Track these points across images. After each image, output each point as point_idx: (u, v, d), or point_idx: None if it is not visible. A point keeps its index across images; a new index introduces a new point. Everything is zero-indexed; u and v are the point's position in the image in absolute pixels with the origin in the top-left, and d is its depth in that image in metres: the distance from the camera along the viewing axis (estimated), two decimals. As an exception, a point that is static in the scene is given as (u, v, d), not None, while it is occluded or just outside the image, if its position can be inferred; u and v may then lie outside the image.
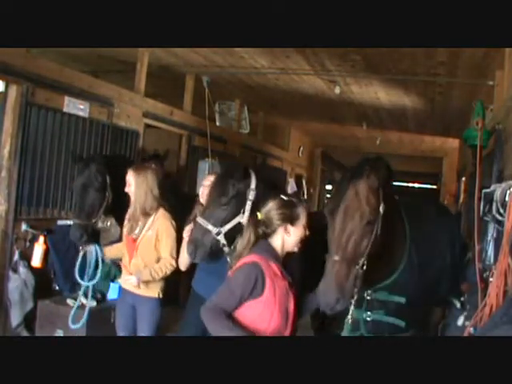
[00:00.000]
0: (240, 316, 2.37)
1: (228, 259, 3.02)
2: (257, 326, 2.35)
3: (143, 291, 3.47)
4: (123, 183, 3.77)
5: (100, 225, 4.92)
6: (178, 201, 4.14)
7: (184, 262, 3.38)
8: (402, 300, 2.71)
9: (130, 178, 3.47)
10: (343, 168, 2.63)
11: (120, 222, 4.03)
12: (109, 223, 4.36)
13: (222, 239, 2.93)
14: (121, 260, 3.72)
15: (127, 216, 3.59)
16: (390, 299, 2.73)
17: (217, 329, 2.27)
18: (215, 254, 3.02)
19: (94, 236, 4.16)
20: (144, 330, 3.48)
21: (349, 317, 2.52)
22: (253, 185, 3.00)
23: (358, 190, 2.37)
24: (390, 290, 2.73)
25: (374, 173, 2.41)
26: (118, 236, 4.24)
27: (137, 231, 3.49)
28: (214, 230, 2.91)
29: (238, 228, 2.96)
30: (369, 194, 2.37)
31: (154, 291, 3.48)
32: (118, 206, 3.99)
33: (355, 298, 2.44)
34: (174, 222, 3.53)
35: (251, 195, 2.97)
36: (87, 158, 4.33)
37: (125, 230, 3.61)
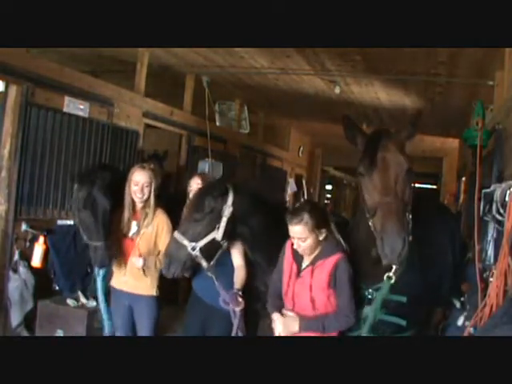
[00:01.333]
0: None
1: (211, 273, 3.08)
2: None
3: (140, 290, 3.47)
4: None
5: None
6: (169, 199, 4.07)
7: None
8: (403, 299, 2.71)
9: (138, 177, 3.45)
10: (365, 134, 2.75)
11: None
12: None
13: (198, 253, 2.97)
14: None
15: (121, 216, 3.53)
16: (392, 298, 2.73)
17: None
18: (190, 268, 3.08)
19: None
20: (144, 328, 3.47)
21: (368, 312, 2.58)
22: (229, 202, 3.03)
23: (390, 143, 2.54)
24: (392, 289, 2.73)
25: (397, 132, 2.61)
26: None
27: (134, 231, 3.48)
28: (189, 245, 2.96)
29: (214, 244, 3.02)
30: (399, 147, 2.56)
31: (151, 289, 3.48)
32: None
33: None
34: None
35: (227, 212, 3.01)
36: (86, 177, 3.84)
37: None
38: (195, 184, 3.52)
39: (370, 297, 2.74)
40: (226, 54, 5.95)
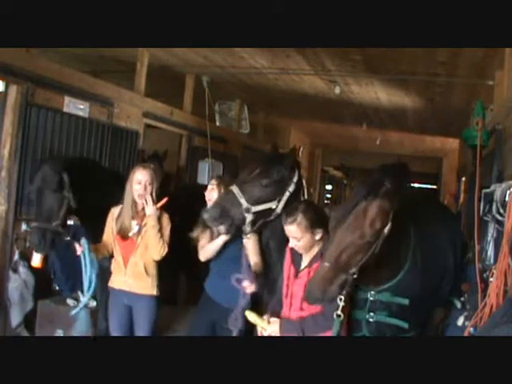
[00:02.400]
0: None
1: (244, 241, 3.00)
2: None
3: (141, 289, 3.46)
4: (91, 184, 3.79)
5: None
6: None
7: (205, 253, 3.37)
8: (406, 302, 2.69)
9: (140, 175, 3.45)
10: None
11: (89, 224, 3.93)
12: None
13: (249, 217, 2.82)
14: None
15: (118, 216, 3.50)
16: (393, 301, 2.71)
17: None
18: (235, 228, 2.89)
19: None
20: (142, 328, 3.46)
21: (339, 313, 2.50)
22: (295, 179, 2.95)
23: (367, 209, 2.32)
24: (394, 291, 2.71)
25: (389, 191, 2.33)
26: None
27: (135, 231, 3.46)
28: (245, 204, 2.80)
29: (268, 213, 2.88)
30: (377, 216, 2.31)
31: (152, 289, 3.48)
32: (85, 208, 3.83)
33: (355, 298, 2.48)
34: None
35: (291, 187, 2.92)
36: (42, 159, 4.06)
37: (115, 231, 3.50)
38: (210, 185, 3.45)
39: (371, 299, 2.74)
40: (226, 54, 5.95)
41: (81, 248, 3.39)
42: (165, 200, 3.44)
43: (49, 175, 3.67)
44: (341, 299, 2.42)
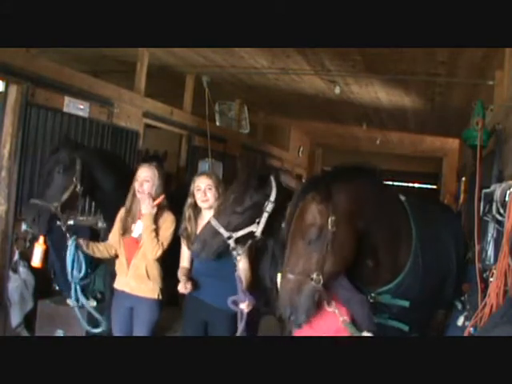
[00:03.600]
0: None
1: (236, 262, 2.99)
2: None
3: (143, 292, 3.42)
4: (103, 176, 3.80)
5: (100, 225, 4.87)
6: None
7: (186, 257, 3.36)
8: (406, 304, 2.68)
9: (146, 173, 3.42)
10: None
11: (108, 221, 3.87)
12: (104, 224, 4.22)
13: (232, 243, 2.91)
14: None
15: (122, 216, 3.47)
16: (394, 303, 2.70)
17: None
18: (220, 254, 2.98)
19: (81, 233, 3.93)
20: (141, 332, 3.43)
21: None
22: (272, 197, 2.94)
23: (303, 211, 2.35)
24: (394, 293, 2.70)
25: (319, 190, 2.33)
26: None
27: (140, 231, 3.43)
28: (225, 233, 2.89)
29: (251, 235, 2.94)
30: (311, 213, 2.31)
31: (154, 292, 3.44)
32: (106, 204, 3.87)
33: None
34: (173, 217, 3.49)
35: (269, 207, 2.93)
36: (58, 145, 3.98)
37: (118, 230, 3.46)
38: (203, 184, 3.37)
39: (371, 301, 2.73)
40: (226, 54, 5.95)
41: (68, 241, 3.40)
42: (161, 198, 3.40)
43: (61, 157, 3.70)
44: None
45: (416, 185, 18.33)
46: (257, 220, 2.93)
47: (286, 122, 11.19)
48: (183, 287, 3.12)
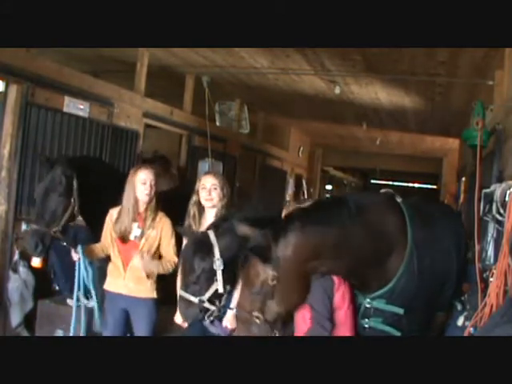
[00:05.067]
0: None
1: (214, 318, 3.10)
2: None
3: (141, 293, 3.41)
4: (97, 187, 3.74)
5: None
6: None
7: None
8: (400, 311, 2.66)
9: (144, 176, 3.39)
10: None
11: (92, 226, 3.87)
12: None
13: (207, 305, 3.02)
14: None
15: (117, 218, 3.44)
16: (388, 309, 2.68)
17: None
18: (206, 313, 3.08)
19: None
20: (142, 332, 3.43)
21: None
22: (217, 255, 3.01)
23: (247, 268, 2.59)
24: (389, 298, 2.68)
25: (261, 252, 2.51)
26: None
27: (137, 233, 3.42)
28: (196, 300, 3.02)
29: (219, 293, 3.04)
30: (253, 270, 2.52)
31: (152, 291, 3.44)
32: (90, 211, 3.79)
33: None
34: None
35: (219, 265, 3.00)
36: (53, 158, 3.93)
37: (114, 233, 3.45)
38: (209, 183, 3.36)
39: (367, 306, 2.72)
40: (226, 54, 5.95)
41: (77, 255, 3.40)
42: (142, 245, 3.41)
43: (59, 178, 3.60)
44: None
45: (416, 185, 18.36)
46: (215, 278, 3.03)
47: (285, 122, 11.18)
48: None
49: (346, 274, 2.65)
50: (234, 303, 3.12)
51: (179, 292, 3.11)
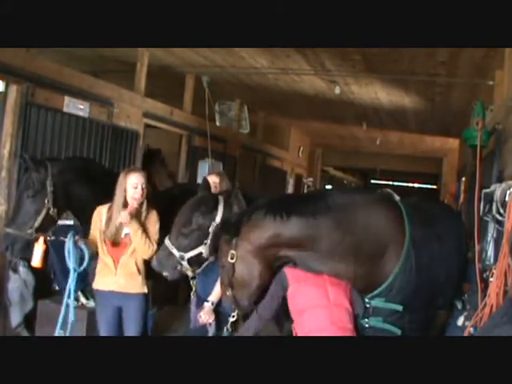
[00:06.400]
0: None
1: (192, 284, 3.18)
2: None
3: (133, 288, 3.41)
4: (91, 188, 3.72)
5: None
6: None
7: None
8: (399, 308, 2.67)
9: (134, 179, 3.39)
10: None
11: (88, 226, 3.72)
12: None
13: (184, 264, 3.03)
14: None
15: (107, 219, 3.38)
16: (387, 307, 2.69)
17: None
18: (179, 273, 3.11)
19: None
20: (132, 327, 3.43)
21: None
22: (218, 218, 3.02)
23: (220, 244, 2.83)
24: (386, 296, 2.68)
25: (229, 231, 2.73)
26: None
27: (126, 232, 3.42)
28: (177, 254, 3.02)
29: (202, 257, 3.05)
30: (220, 247, 2.80)
31: (142, 287, 3.44)
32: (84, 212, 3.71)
33: None
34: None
35: (214, 230, 3.00)
36: (34, 160, 3.77)
37: (104, 233, 3.39)
38: (212, 182, 3.41)
39: (367, 305, 2.72)
40: (226, 54, 5.95)
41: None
42: (131, 207, 3.36)
43: (30, 180, 3.57)
44: (233, 316, 2.83)
45: (416, 185, 18.37)
46: (204, 241, 3.03)
47: (286, 122, 11.19)
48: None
49: (326, 269, 2.67)
50: (213, 297, 3.17)
51: (165, 240, 3.10)
